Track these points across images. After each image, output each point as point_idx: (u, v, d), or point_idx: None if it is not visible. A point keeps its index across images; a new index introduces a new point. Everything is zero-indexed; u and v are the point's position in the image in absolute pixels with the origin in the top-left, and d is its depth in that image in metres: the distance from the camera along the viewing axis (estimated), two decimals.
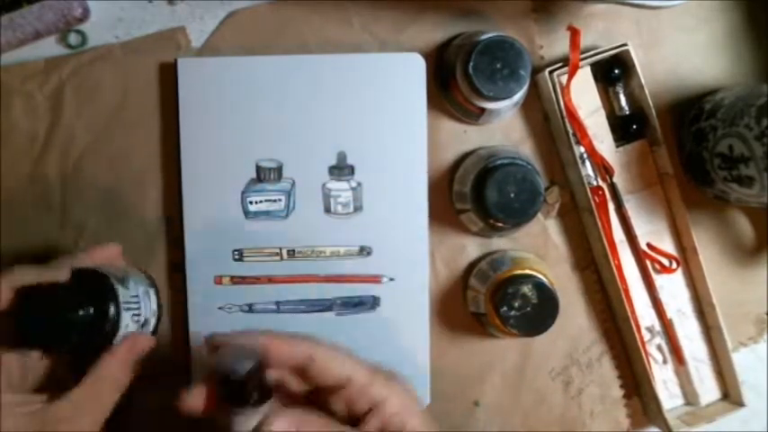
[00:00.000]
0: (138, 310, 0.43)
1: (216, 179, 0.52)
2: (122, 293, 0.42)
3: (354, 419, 0.41)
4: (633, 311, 0.53)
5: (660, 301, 0.54)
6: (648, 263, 0.54)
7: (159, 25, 0.53)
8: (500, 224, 0.49)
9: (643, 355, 0.53)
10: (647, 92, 0.52)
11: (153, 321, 0.46)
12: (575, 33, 0.50)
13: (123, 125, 0.53)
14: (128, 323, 0.42)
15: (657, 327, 0.55)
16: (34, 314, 0.38)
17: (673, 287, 0.55)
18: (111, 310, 0.40)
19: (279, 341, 0.40)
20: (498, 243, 0.55)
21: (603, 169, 0.53)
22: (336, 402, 0.41)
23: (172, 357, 0.53)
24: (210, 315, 0.53)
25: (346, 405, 0.41)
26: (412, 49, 0.53)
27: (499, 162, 0.48)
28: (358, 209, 0.53)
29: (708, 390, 0.55)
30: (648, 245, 0.54)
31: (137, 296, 0.43)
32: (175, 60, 0.52)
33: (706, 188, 0.53)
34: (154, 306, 0.46)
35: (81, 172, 0.53)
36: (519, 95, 0.49)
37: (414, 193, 0.53)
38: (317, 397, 0.41)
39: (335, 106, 0.52)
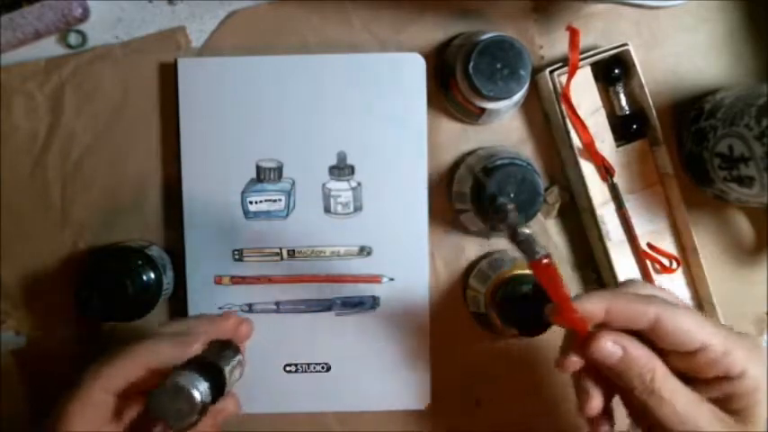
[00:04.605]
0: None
1: (216, 179, 0.52)
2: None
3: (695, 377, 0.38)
4: None
5: None
6: (649, 263, 0.54)
7: (159, 25, 0.53)
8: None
9: None
10: (647, 92, 0.52)
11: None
12: (574, 33, 0.50)
13: (123, 125, 0.53)
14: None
15: None
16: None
17: (673, 287, 0.55)
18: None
19: (620, 302, 0.38)
20: (498, 243, 0.55)
21: (604, 169, 0.53)
22: (677, 360, 0.38)
23: None
24: None
25: (693, 369, 0.38)
26: (412, 49, 0.53)
27: (499, 162, 0.48)
28: (358, 209, 0.53)
29: None
30: (649, 245, 0.54)
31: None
32: (175, 60, 0.52)
33: (706, 188, 0.53)
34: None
35: (81, 172, 0.53)
36: (519, 95, 0.49)
37: (414, 193, 0.53)
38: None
39: (335, 106, 0.52)
